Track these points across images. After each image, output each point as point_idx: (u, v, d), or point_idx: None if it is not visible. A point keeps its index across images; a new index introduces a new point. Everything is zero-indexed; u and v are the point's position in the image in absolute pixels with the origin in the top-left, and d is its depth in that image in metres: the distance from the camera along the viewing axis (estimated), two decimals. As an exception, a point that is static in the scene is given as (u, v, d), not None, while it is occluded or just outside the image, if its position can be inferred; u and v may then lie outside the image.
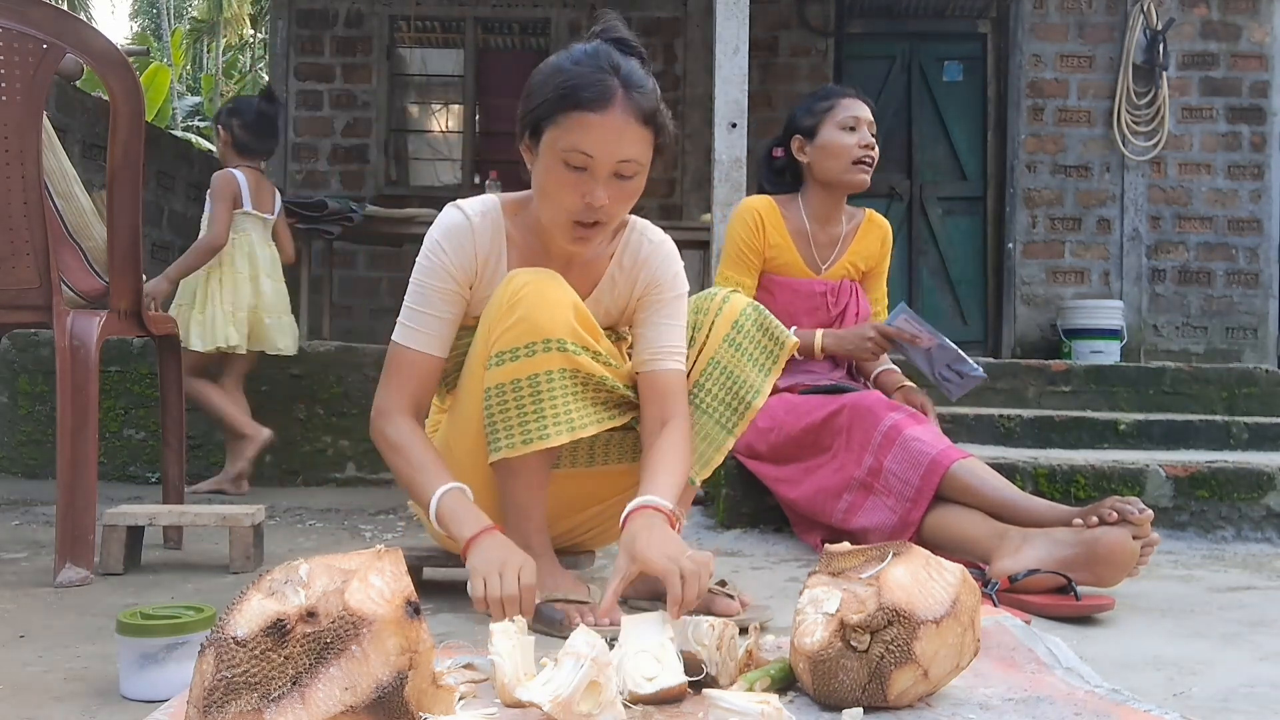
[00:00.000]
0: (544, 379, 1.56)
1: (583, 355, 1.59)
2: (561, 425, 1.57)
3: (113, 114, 2.03)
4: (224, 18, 19.72)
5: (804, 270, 2.56)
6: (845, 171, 2.49)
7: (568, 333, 1.57)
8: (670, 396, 1.67)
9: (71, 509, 1.88)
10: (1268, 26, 6.52)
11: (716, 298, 1.79)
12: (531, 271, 1.60)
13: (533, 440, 1.57)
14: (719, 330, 1.75)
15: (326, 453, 3.58)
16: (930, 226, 6.89)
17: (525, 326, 1.55)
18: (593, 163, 1.53)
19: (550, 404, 1.57)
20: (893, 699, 1.13)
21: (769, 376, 1.75)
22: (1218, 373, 4.10)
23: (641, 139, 1.56)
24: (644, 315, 1.73)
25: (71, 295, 2.09)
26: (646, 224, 1.78)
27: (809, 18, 6.91)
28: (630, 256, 1.74)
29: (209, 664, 0.91)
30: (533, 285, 1.57)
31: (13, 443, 3.56)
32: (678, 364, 1.70)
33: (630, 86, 1.54)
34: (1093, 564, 1.80)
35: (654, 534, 1.44)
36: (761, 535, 2.57)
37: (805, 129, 2.54)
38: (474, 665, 1.24)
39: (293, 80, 7.29)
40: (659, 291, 1.73)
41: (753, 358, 1.74)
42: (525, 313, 1.55)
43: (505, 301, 1.57)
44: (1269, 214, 6.53)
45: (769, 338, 1.77)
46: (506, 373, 1.57)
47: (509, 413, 1.57)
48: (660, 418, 1.65)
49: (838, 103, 2.52)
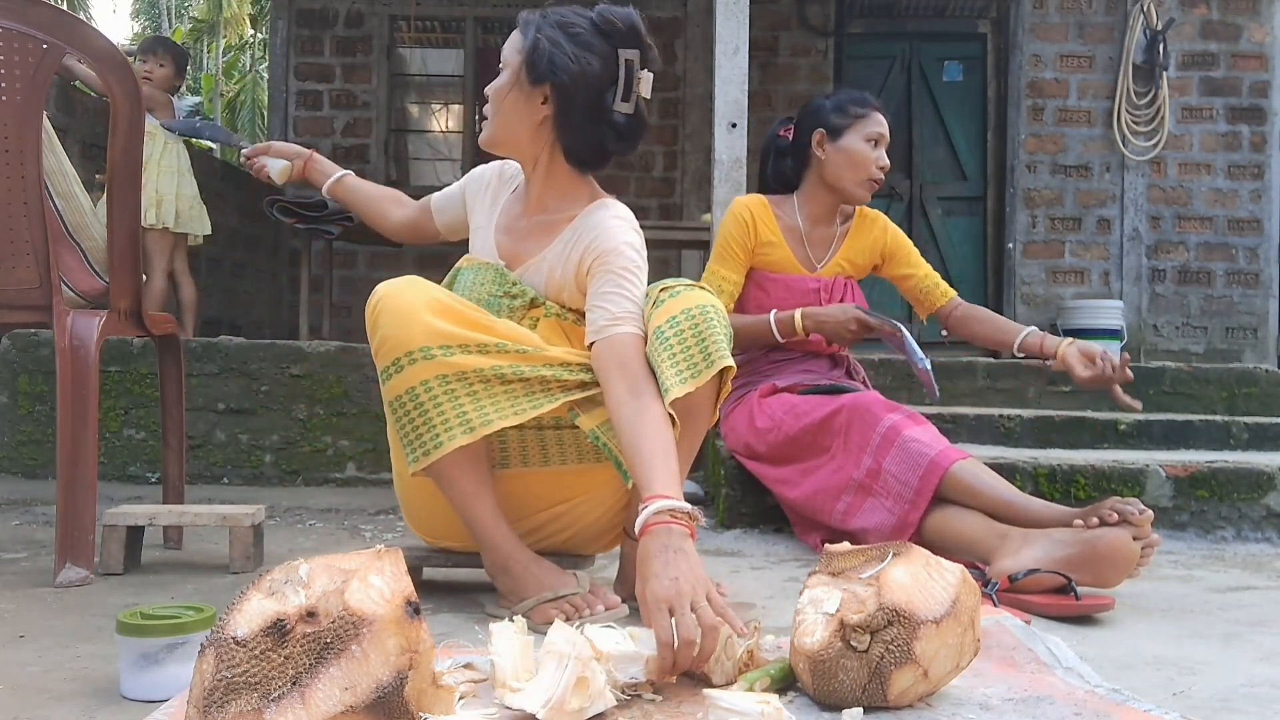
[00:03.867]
0: (421, 389, 1.55)
1: (456, 355, 1.55)
2: (455, 429, 1.54)
3: (113, 114, 2.03)
4: (224, 18, 19.72)
5: (798, 268, 2.57)
6: (857, 184, 2.50)
7: (428, 338, 1.54)
8: (631, 363, 1.54)
9: (71, 509, 1.88)
10: (1268, 26, 6.53)
11: (666, 288, 1.62)
12: (387, 284, 1.61)
13: (430, 451, 1.55)
14: (652, 321, 1.59)
15: (326, 453, 3.58)
16: (930, 226, 6.90)
17: (388, 345, 1.57)
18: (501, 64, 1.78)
19: (437, 411, 1.54)
20: (893, 699, 1.13)
21: (684, 385, 1.51)
22: (1218, 373, 4.10)
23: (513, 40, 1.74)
24: (594, 287, 1.65)
25: (71, 295, 2.09)
26: (612, 201, 1.77)
27: (809, 18, 6.91)
28: (582, 224, 1.72)
29: (209, 664, 0.91)
30: (385, 300, 1.58)
31: (13, 443, 3.56)
32: (634, 329, 1.58)
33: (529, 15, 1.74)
34: (1093, 564, 1.80)
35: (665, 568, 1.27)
36: (761, 535, 2.57)
37: (832, 127, 2.52)
38: (474, 665, 1.24)
39: (293, 80, 7.29)
40: (603, 260, 1.65)
41: (673, 356, 1.53)
42: (385, 330, 1.57)
43: (369, 322, 1.60)
44: (1269, 214, 6.53)
45: (700, 347, 1.54)
46: (390, 390, 1.58)
47: (405, 427, 1.58)
48: (631, 386, 1.52)
49: (871, 115, 2.51)
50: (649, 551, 1.30)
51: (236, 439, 3.54)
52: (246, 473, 3.54)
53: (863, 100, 2.56)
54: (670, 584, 1.25)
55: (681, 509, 1.35)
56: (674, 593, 1.23)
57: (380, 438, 3.49)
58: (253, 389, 3.58)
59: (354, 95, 7.25)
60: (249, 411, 3.55)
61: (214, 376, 3.54)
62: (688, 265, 6.49)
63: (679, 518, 1.34)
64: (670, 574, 1.26)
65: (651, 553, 1.30)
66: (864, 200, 2.53)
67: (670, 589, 1.24)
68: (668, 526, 1.32)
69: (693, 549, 1.32)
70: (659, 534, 1.32)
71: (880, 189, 2.56)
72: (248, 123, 18.52)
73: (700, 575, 1.27)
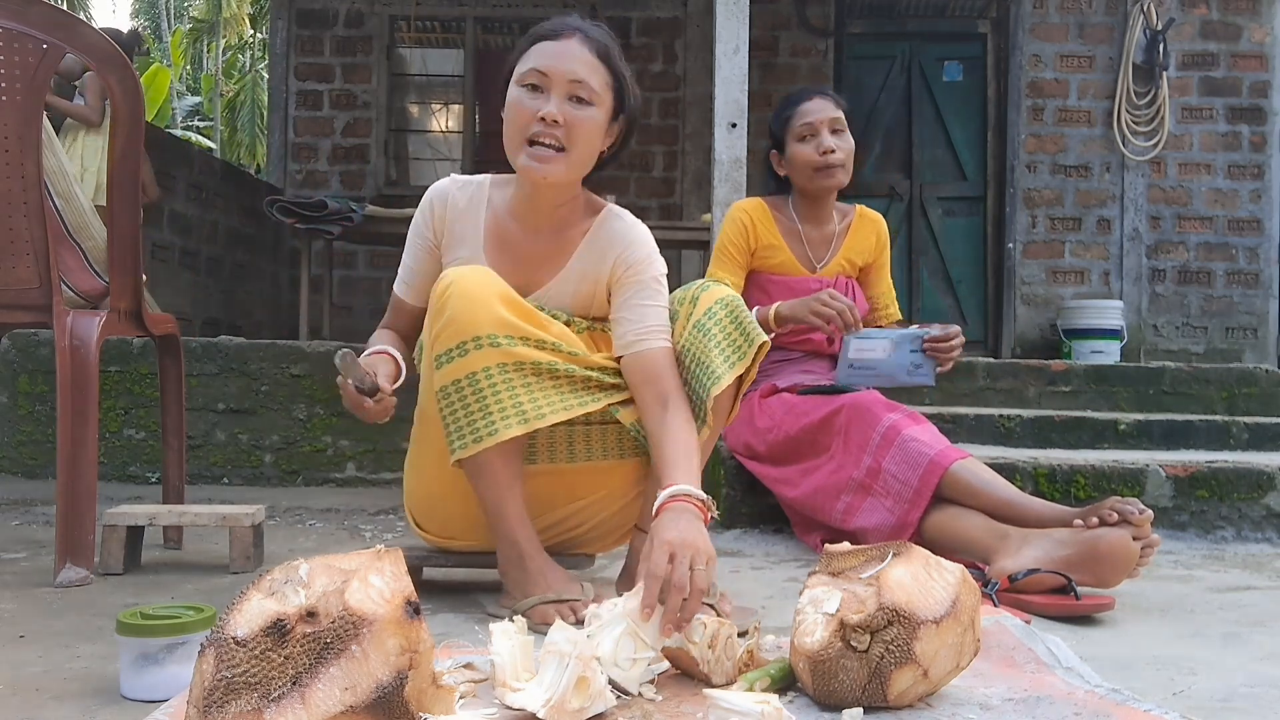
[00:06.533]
0: (482, 376, 1.56)
1: (519, 346, 1.57)
2: (511, 418, 1.55)
3: (113, 114, 2.03)
4: (224, 18, 19.72)
5: (799, 269, 2.57)
6: (811, 180, 2.50)
7: (497, 326, 1.56)
8: (663, 374, 1.64)
9: (71, 509, 1.88)
10: (1268, 26, 6.53)
11: (694, 287, 1.73)
12: (460, 270, 1.60)
13: (483, 437, 1.56)
14: (691, 318, 1.69)
15: (326, 453, 3.58)
16: (930, 226, 6.90)
17: (454, 327, 1.56)
18: (547, 80, 1.61)
19: (495, 399, 1.56)
20: (893, 699, 1.13)
21: (733, 369, 1.63)
22: (1218, 373, 4.10)
23: (595, 68, 1.63)
24: (622, 298, 1.71)
25: (71, 295, 2.09)
26: (622, 210, 1.78)
27: (809, 18, 6.91)
28: (603, 235, 1.74)
29: (209, 664, 0.91)
30: (457, 284, 1.57)
31: (13, 443, 3.56)
32: (664, 342, 1.67)
33: (587, 29, 1.65)
34: (1093, 564, 1.80)
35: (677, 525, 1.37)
36: (761, 535, 2.57)
37: (777, 141, 2.57)
38: (474, 665, 1.24)
39: (293, 80, 7.29)
40: (634, 272, 1.71)
41: (719, 345, 1.65)
42: (452, 313, 1.56)
43: (435, 304, 1.59)
44: (1269, 214, 6.53)
45: (739, 331, 1.67)
46: (447, 374, 1.57)
47: (457, 413, 1.58)
48: (659, 397, 1.62)
49: (794, 111, 2.51)
50: (663, 522, 1.39)
51: (236, 439, 3.54)
52: (246, 473, 3.54)
53: (785, 102, 2.57)
54: (678, 535, 1.34)
55: (698, 495, 1.44)
56: (679, 542, 1.32)
57: (381, 438, 3.49)
58: (253, 389, 3.58)
59: (354, 95, 7.25)
60: (249, 411, 3.55)
61: (214, 376, 3.54)
62: (688, 265, 6.49)
63: (695, 502, 1.43)
64: (680, 529, 1.35)
65: (665, 522, 1.39)
66: (835, 186, 2.50)
67: (677, 538, 1.33)
68: (684, 504, 1.42)
69: (704, 528, 1.40)
70: (675, 509, 1.41)
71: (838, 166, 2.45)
72: (248, 123, 18.53)
73: (707, 545, 1.35)
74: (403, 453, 1.85)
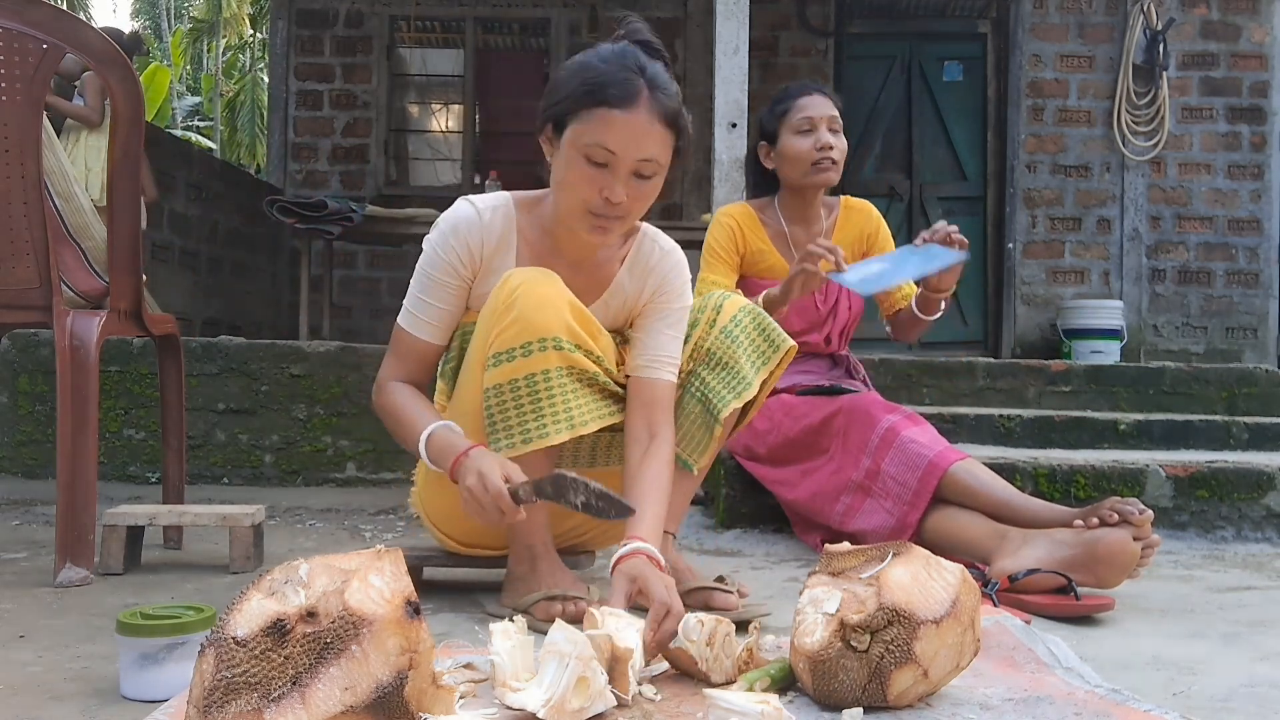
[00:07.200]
0: (541, 378, 1.56)
1: (578, 353, 1.60)
2: (561, 423, 1.57)
3: (113, 114, 2.03)
4: (224, 18, 19.72)
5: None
6: (806, 175, 2.46)
7: (564, 331, 1.57)
8: (659, 407, 1.67)
9: (71, 509, 1.88)
10: (1268, 26, 6.53)
11: (715, 297, 1.79)
12: (527, 271, 1.60)
13: (533, 439, 1.57)
14: (716, 324, 1.75)
15: (326, 453, 3.58)
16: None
17: (521, 326, 1.55)
18: (615, 159, 1.54)
19: (549, 402, 1.57)
20: (893, 699, 1.13)
21: (759, 373, 1.73)
22: (1218, 373, 4.10)
23: (663, 140, 1.57)
24: (646, 320, 1.74)
25: (71, 295, 2.09)
26: (657, 231, 1.79)
27: (809, 18, 6.91)
28: (641, 261, 1.75)
29: (209, 664, 0.91)
30: (528, 285, 1.57)
31: (13, 443, 3.56)
32: (671, 376, 1.71)
33: (656, 88, 1.55)
34: (1093, 565, 1.80)
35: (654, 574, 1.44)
36: (761, 535, 2.57)
37: (768, 135, 2.52)
38: (474, 665, 1.24)
39: (293, 80, 7.29)
40: (666, 299, 1.74)
41: (746, 351, 1.73)
42: (521, 312, 1.55)
43: (502, 302, 1.57)
44: (1269, 214, 6.53)
45: (764, 338, 1.76)
46: (504, 373, 1.57)
47: (508, 412, 1.57)
48: (647, 428, 1.66)
49: (792, 105, 2.48)
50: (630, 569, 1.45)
51: (236, 439, 3.54)
52: (246, 473, 3.54)
53: (783, 95, 2.53)
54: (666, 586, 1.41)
55: (655, 555, 1.49)
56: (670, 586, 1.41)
57: (380, 438, 3.49)
58: (253, 389, 3.58)
59: (354, 95, 7.25)
60: (249, 411, 3.55)
61: (214, 376, 3.54)
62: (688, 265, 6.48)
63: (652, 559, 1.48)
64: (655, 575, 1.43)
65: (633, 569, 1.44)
66: (827, 183, 2.47)
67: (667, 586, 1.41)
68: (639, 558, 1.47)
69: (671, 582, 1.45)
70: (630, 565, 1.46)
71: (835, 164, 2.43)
72: (248, 123, 18.52)
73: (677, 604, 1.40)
74: (403, 453, 1.84)
